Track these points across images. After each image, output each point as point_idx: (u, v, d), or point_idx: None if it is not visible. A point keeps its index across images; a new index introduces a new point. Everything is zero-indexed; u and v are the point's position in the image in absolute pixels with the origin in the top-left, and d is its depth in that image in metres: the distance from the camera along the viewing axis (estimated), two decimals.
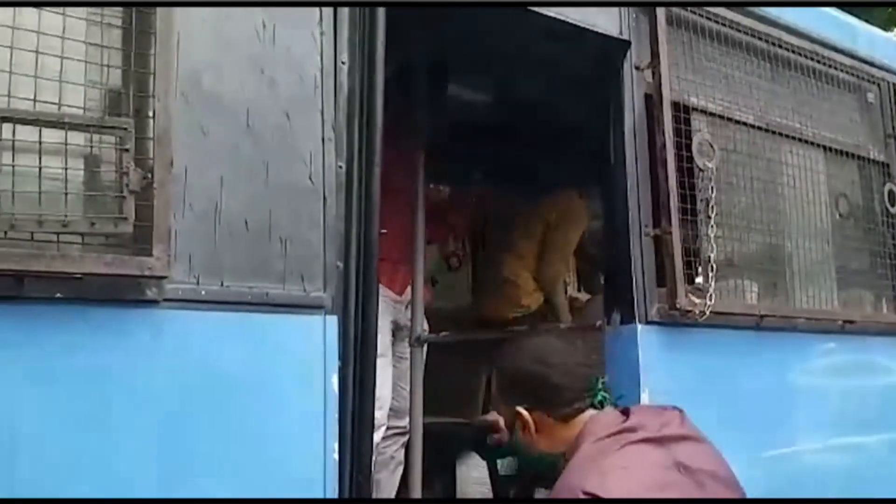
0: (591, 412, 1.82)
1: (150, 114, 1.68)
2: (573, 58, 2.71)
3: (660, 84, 2.64)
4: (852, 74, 3.44)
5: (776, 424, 2.85)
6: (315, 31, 2.01)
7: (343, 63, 2.06)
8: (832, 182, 3.33)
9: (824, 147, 3.28)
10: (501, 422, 1.95)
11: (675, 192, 2.60)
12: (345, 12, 2.07)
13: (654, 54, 2.66)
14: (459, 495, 3.85)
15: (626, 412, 1.81)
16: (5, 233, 1.52)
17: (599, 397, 1.84)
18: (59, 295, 1.60)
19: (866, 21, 3.89)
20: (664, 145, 2.61)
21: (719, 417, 2.39)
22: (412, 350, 3.20)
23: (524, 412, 1.82)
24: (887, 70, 3.55)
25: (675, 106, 2.70)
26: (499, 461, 3.47)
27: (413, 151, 3.24)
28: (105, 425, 1.65)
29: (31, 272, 1.54)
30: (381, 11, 2.08)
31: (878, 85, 3.54)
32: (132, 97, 1.69)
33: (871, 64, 3.51)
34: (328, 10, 2.04)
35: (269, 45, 1.94)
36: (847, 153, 3.36)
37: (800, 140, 3.19)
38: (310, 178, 1.96)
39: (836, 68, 3.36)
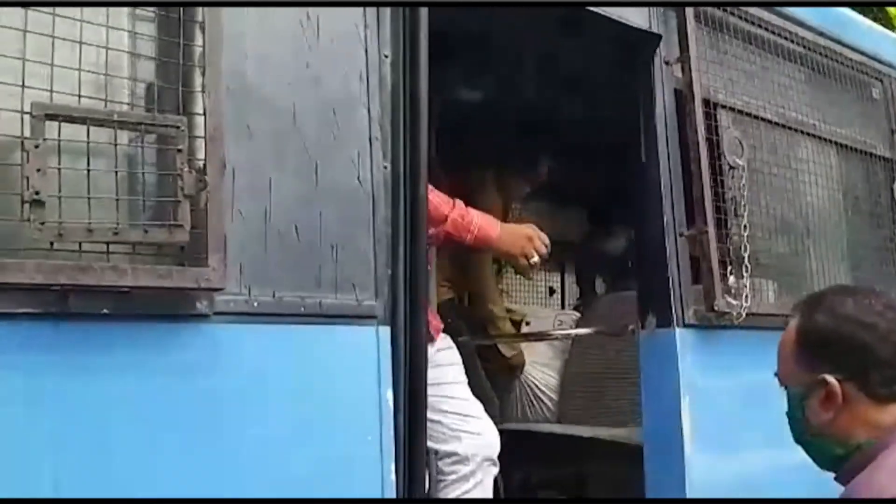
0: None
1: (200, 111, 1.54)
2: (602, 51, 2.63)
3: (690, 79, 2.57)
4: (859, 70, 3.42)
5: None
6: (359, 22, 1.88)
7: (386, 57, 1.93)
8: (845, 179, 3.30)
9: (836, 143, 3.25)
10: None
11: (709, 191, 2.53)
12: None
13: (684, 48, 2.59)
14: None
15: None
16: (51, 244, 1.37)
17: None
18: (105, 311, 1.45)
19: None
20: (697, 142, 2.54)
21: (759, 419, 2.34)
22: None
23: (832, 380, 1.45)
24: (891, 66, 3.54)
25: (710, 104, 2.63)
26: None
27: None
28: (153, 444, 1.51)
29: (78, 286, 1.39)
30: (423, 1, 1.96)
31: (882, 81, 3.53)
32: (180, 93, 1.54)
33: (876, 59, 3.49)
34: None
35: (312, 38, 1.80)
36: (857, 150, 3.34)
37: (815, 136, 3.15)
38: (358, 180, 1.83)
39: (844, 64, 3.33)
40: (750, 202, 2.76)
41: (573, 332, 3.31)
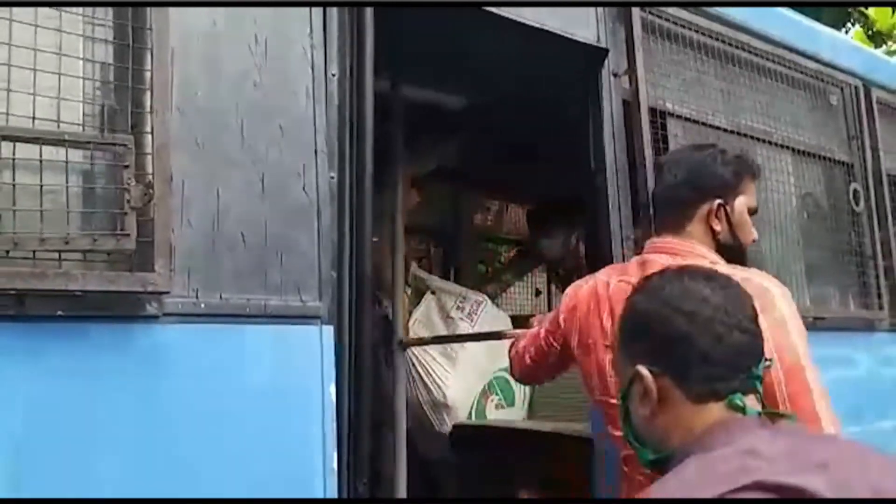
0: (723, 411, 1.30)
1: (149, 129, 1.69)
2: (551, 65, 2.76)
3: (637, 90, 2.70)
4: (817, 78, 3.54)
5: None
6: (305, 43, 2.03)
7: (333, 75, 2.08)
8: (800, 183, 3.42)
9: (791, 149, 3.37)
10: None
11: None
12: (334, 24, 2.09)
13: (631, 61, 2.72)
14: None
15: (773, 428, 1.31)
16: (7, 252, 1.52)
17: (737, 400, 1.29)
18: (60, 312, 1.60)
19: (816, 19, 4.02)
20: (642, 150, 2.67)
21: None
22: (395, 354, 3.22)
23: (645, 373, 1.31)
24: (849, 73, 3.66)
25: (652, 111, 2.76)
26: None
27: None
28: (108, 440, 1.65)
29: (33, 291, 1.53)
30: (369, 22, 2.11)
31: (842, 88, 3.65)
32: (130, 113, 1.69)
33: (834, 67, 3.61)
34: (318, 23, 2.06)
35: (261, 60, 1.95)
36: (813, 154, 3.46)
37: (769, 142, 3.27)
38: (304, 190, 1.98)
39: (801, 72, 3.46)
40: None
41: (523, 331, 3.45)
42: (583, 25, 2.68)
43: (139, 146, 1.68)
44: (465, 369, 3.48)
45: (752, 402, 1.32)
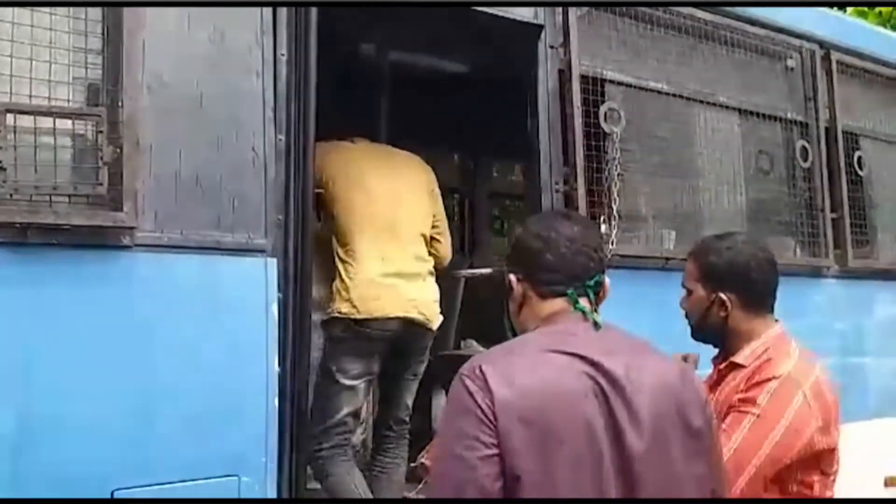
0: (563, 306, 1.75)
1: (121, 103, 2.21)
2: (495, 41, 3.17)
3: (570, 61, 3.09)
4: (773, 43, 3.83)
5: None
6: (257, 30, 2.51)
7: (282, 55, 2.56)
8: (749, 141, 3.74)
9: (740, 110, 3.69)
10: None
11: (581, 154, 3.06)
12: (283, 13, 2.56)
13: (566, 34, 3.11)
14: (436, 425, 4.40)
15: (597, 326, 1.74)
16: (11, 195, 2.07)
17: (579, 305, 1.74)
18: (55, 242, 2.15)
19: None
20: (572, 114, 3.07)
21: None
22: None
23: (513, 279, 1.81)
24: (806, 38, 3.93)
25: (589, 80, 3.14)
26: None
27: None
28: (92, 344, 2.19)
29: (31, 224, 2.08)
30: (314, 9, 2.57)
31: (800, 52, 3.93)
32: (106, 91, 2.21)
33: (792, 33, 3.89)
34: (268, 13, 2.53)
35: (219, 45, 2.44)
36: (765, 115, 3.77)
37: (716, 105, 3.61)
38: (253, 149, 2.47)
39: (756, 39, 3.76)
40: (638, 162, 3.29)
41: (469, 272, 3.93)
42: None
43: (114, 116, 2.20)
44: None
45: (585, 303, 1.77)
